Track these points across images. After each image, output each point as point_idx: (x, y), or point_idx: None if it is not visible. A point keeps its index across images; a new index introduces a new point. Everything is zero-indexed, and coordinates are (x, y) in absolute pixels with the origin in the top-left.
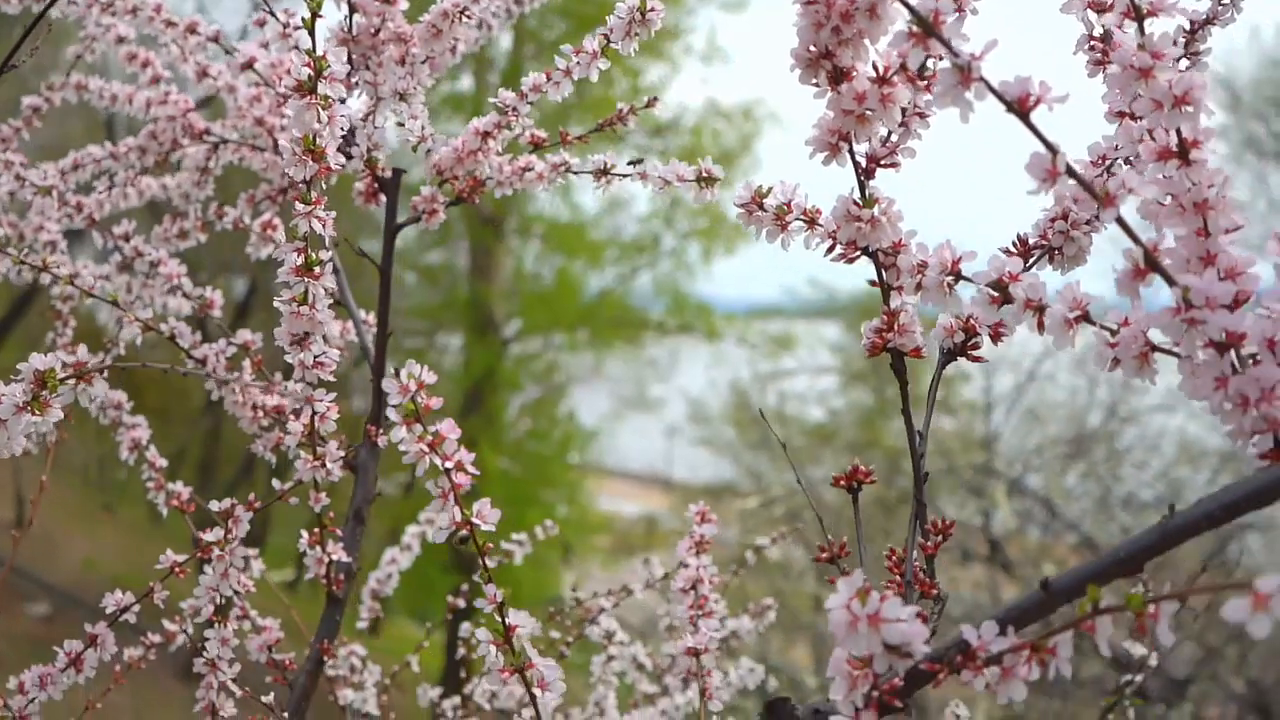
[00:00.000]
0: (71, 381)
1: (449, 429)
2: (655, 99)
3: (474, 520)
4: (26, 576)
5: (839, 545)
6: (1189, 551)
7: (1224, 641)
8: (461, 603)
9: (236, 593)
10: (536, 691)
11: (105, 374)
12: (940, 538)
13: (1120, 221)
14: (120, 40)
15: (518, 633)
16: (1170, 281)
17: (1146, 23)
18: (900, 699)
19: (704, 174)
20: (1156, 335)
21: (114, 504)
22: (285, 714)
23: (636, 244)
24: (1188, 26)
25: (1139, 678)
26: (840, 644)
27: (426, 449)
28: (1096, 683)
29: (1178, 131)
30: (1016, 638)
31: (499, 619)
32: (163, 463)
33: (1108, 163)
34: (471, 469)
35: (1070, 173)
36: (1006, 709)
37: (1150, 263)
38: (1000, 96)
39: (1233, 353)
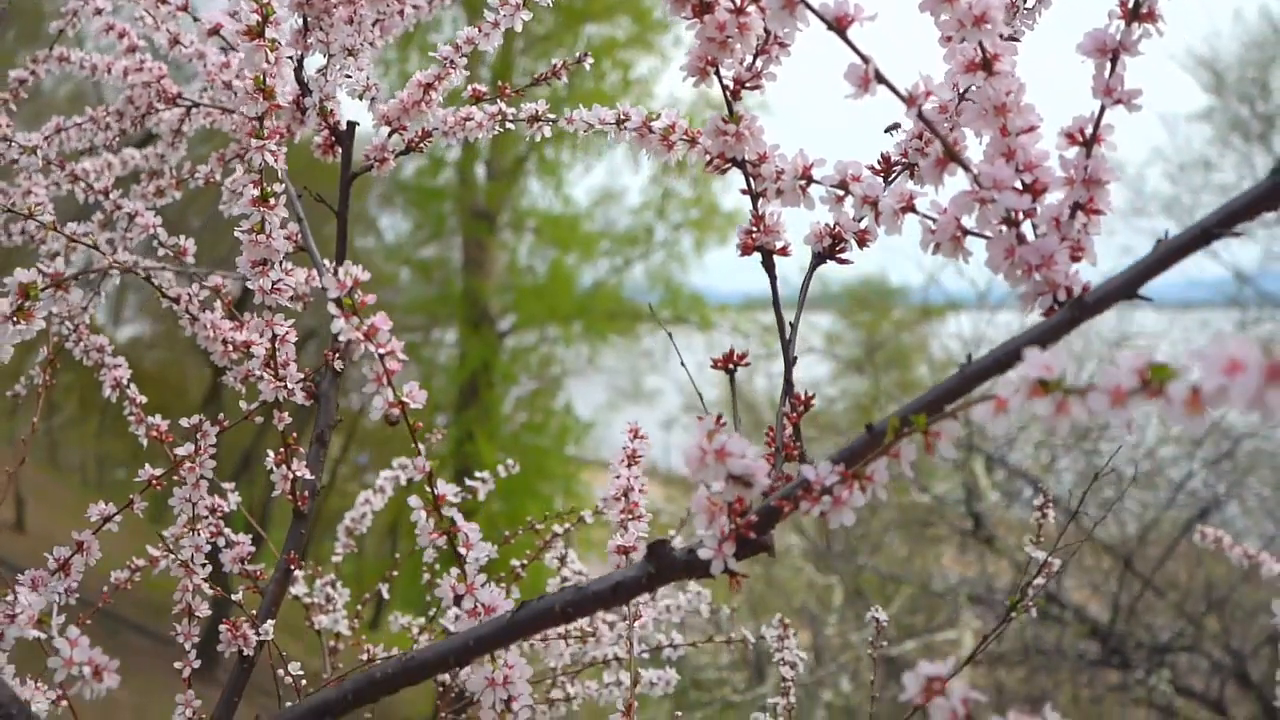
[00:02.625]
0: (50, 290)
1: (382, 321)
2: (586, 55)
3: (405, 399)
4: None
5: (715, 418)
6: (1172, 519)
7: (1203, 612)
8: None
9: (210, 510)
10: (462, 550)
11: (78, 280)
12: (804, 408)
13: (922, 117)
14: (98, 12)
15: (445, 501)
16: (966, 169)
17: None
18: (757, 532)
19: (622, 116)
20: (969, 222)
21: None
22: (256, 615)
23: (629, 236)
24: None
25: (1040, 580)
26: (692, 476)
27: (362, 337)
28: (1081, 658)
29: (980, 46)
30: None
31: (429, 489)
32: (143, 399)
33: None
34: (402, 356)
35: (879, 78)
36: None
37: (950, 154)
38: (821, 16)
39: (1030, 228)
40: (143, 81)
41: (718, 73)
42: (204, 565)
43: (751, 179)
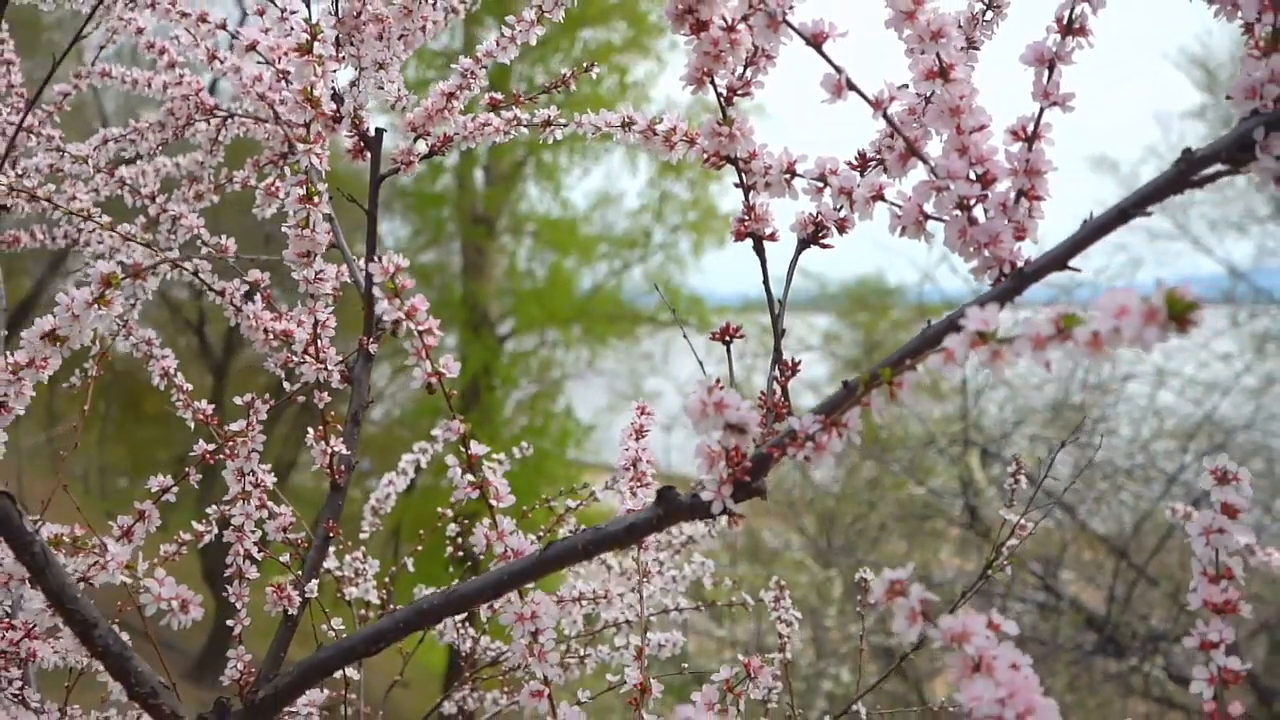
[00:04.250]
0: (129, 280)
1: (420, 302)
2: (593, 64)
3: (441, 370)
4: None
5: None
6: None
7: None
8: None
9: (256, 480)
10: (494, 502)
11: (155, 271)
12: (791, 372)
13: (887, 118)
14: (139, 31)
15: (477, 460)
16: (925, 162)
17: None
18: (751, 477)
19: (628, 120)
20: (929, 208)
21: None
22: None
23: (627, 239)
24: None
25: (1011, 543)
26: (695, 428)
27: (404, 315)
28: (1078, 647)
29: (938, 56)
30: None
31: (464, 449)
32: (188, 386)
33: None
34: (438, 332)
35: (850, 86)
36: None
37: (911, 150)
38: (800, 34)
39: (981, 212)
40: (181, 94)
41: (713, 81)
42: (253, 531)
43: (743, 174)
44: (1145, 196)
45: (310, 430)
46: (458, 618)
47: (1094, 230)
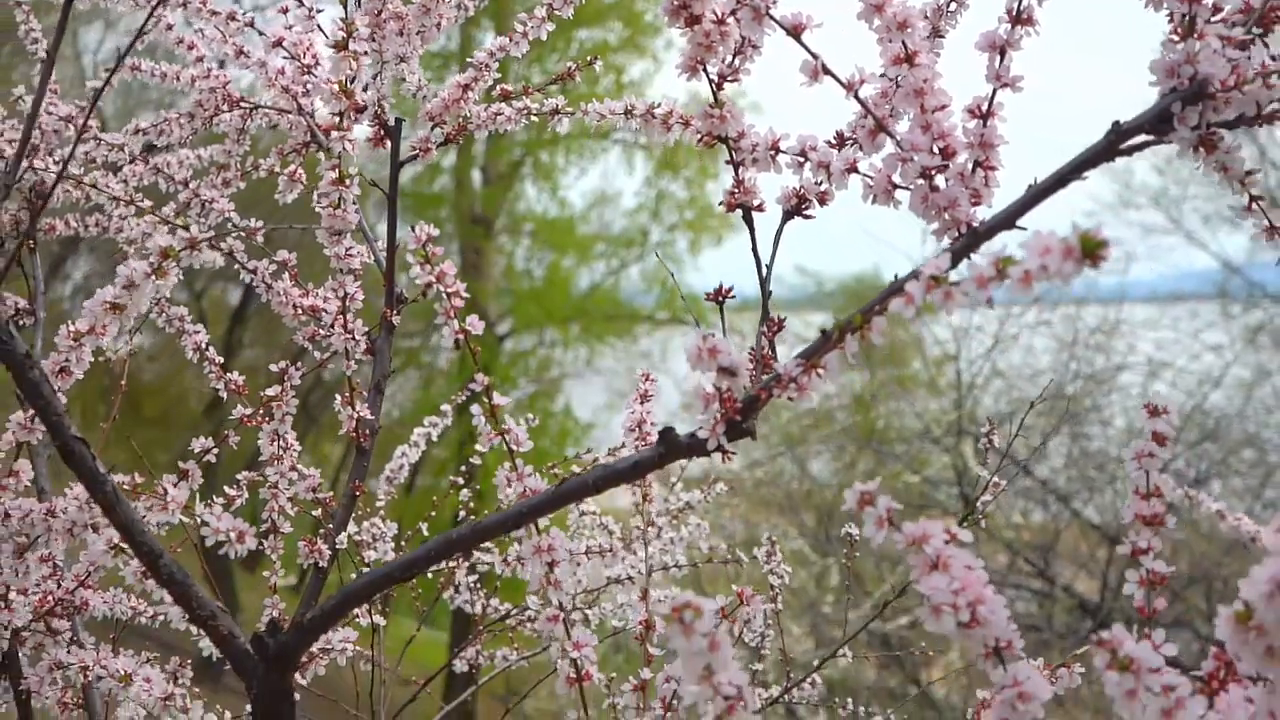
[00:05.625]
0: (187, 250)
1: (449, 267)
2: (596, 58)
3: (466, 328)
4: None
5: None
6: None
7: (1186, 586)
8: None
9: (285, 444)
10: (514, 447)
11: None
12: (777, 328)
13: (858, 99)
14: (170, 27)
15: (499, 409)
16: (892, 137)
17: None
18: (742, 416)
19: (630, 106)
20: (897, 179)
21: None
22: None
23: (625, 238)
24: None
25: (986, 497)
26: (691, 368)
27: (434, 280)
28: (1073, 633)
29: (904, 44)
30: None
31: (487, 400)
32: (220, 359)
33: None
34: (465, 294)
35: (826, 71)
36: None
37: (879, 127)
38: (782, 25)
39: (943, 180)
40: (209, 88)
41: (705, 69)
42: (289, 486)
43: (733, 151)
44: (1080, 164)
45: (336, 400)
46: (472, 578)
47: (1037, 194)
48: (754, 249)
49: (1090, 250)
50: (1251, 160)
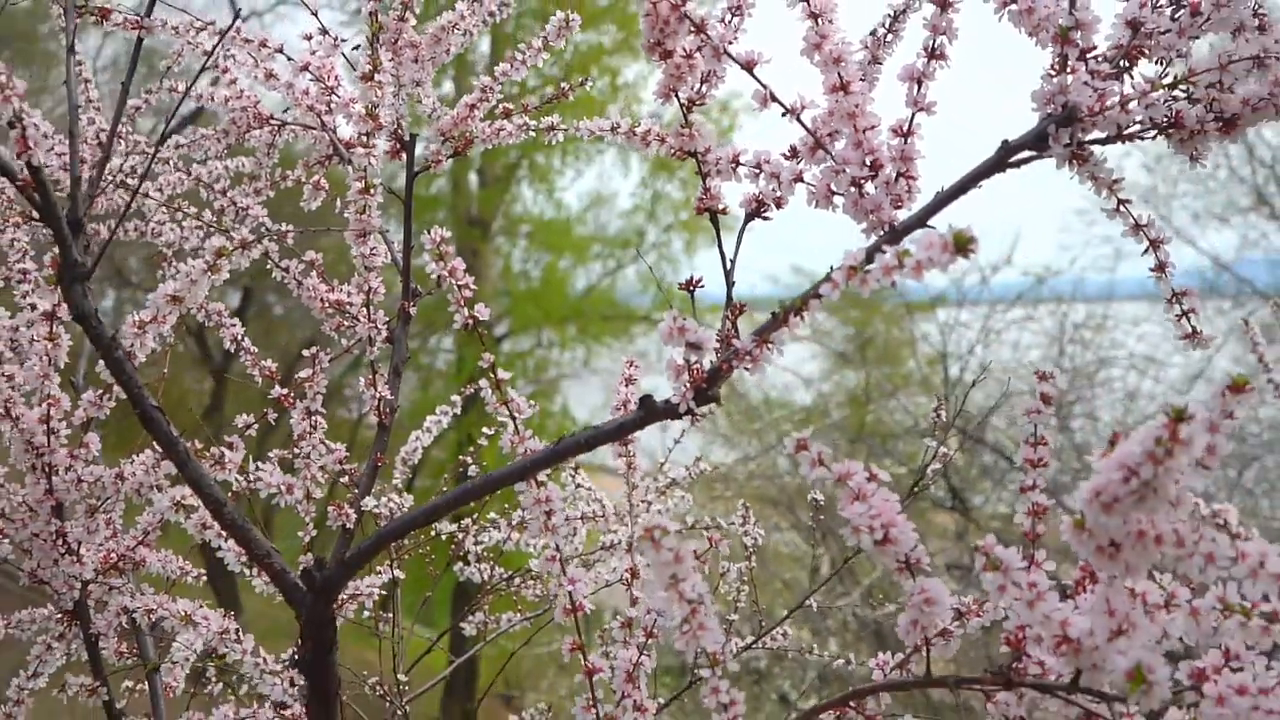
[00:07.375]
0: (239, 250)
1: (459, 263)
2: (586, 79)
3: (476, 314)
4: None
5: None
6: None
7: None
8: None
9: (315, 421)
10: (516, 414)
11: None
12: (740, 310)
13: (800, 121)
14: (207, 54)
15: (504, 383)
16: (828, 153)
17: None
18: (708, 385)
19: (614, 125)
20: (834, 187)
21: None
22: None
23: (621, 239)
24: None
25: (936, 466)
26: (664, 343)
27: (447, 274)
28: None
29: (839, 74)
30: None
31: (493, 375)
32: (254, 349)
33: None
34: (473, 286)
35: (773, 98)
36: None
37: (817, 144)
38: (736, 60)
39: (871, 188)
40: (240, 107)
41: (677, 95)
42: (320, 457)
43: (701, 163)
44: (974, 176)
45: (361, 381)
46: (480, 546)
47: (941, 200)
48: (719, 244)
49: (961, 245)
50: (1239, 158)
